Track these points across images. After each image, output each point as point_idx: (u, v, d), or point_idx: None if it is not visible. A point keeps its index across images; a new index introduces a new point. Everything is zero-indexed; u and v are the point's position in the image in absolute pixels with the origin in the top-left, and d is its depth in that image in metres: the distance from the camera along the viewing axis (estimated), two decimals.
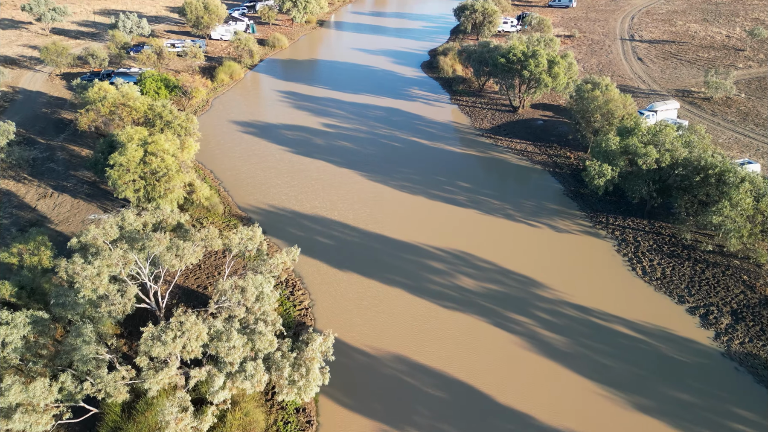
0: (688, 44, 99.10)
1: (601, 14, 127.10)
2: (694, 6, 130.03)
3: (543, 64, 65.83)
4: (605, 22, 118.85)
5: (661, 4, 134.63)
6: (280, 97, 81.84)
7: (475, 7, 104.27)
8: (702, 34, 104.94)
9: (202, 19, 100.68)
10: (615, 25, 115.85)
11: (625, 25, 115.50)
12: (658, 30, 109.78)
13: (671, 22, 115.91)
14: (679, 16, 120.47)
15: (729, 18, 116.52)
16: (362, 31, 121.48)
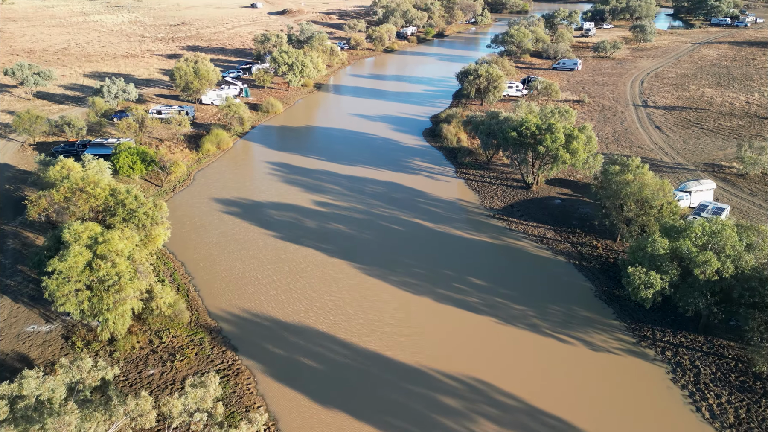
0: (706, 111, 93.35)
1: (609, 78, 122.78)
2: (703, 70, 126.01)
3: (560, 139, 59.05)
4: (614, 87, 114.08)
5: (669, 67, 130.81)
6: (270, 169, 74.91)
7: (479, 72, 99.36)
8: (719, 100, 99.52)
9: (192, 84, 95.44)
10: (625, 90, 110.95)
11: (635, 90, 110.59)
12: (672, 95, 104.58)
13: (684, 86, 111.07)
14: (690, 80, 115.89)
15: (744, 83, 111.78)
16: (361, 94, 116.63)
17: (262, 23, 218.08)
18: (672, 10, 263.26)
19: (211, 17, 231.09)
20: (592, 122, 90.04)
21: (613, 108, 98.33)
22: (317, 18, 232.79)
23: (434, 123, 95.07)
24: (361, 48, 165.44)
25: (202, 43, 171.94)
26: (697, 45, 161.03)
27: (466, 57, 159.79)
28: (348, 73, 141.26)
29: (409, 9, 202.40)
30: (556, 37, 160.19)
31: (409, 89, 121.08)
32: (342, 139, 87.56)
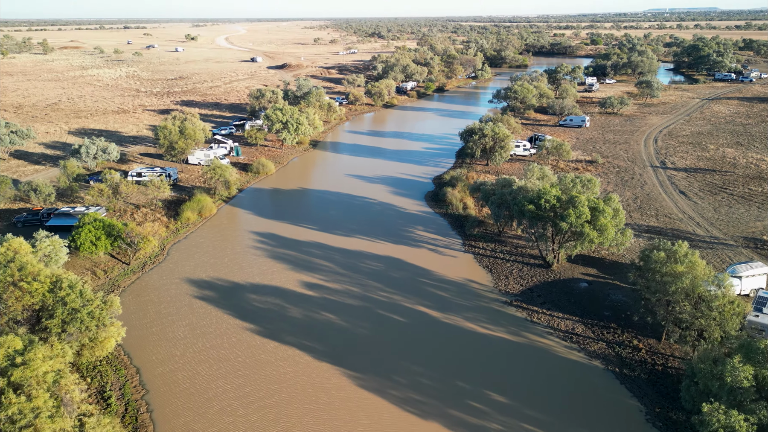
0: (731, 174, 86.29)
1: (619, 135, 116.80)
2: (718, 127, 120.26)
3: (585, 214, 51.23)
4: (627, 145, 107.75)
5: (681, 124, 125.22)
6: (255, 241, 66.85)
7: (485, 132, 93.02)
8: (743, 161, 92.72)
9: (177, 145, 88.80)
10: (639, 149, 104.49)
11: (650, 149, 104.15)
12: (691, 156, 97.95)
13: (701, 146, 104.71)
14: (706, 139, 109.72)
15: (765, 142, 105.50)
16: (359, 153, 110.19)
17: (260, 77, 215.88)
18: (672, 65, 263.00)
19: (210, 71, 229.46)
20: (610, 186, 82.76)
21: (630, 169, 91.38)
22: (316, 72, 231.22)
23: (437, 185, 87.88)
24: (360, 103, 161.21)
25: (198, 97, 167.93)
26: (705, 101, 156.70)
27: (468, 113, 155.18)
28: (346, 129, 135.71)
29: (408, 64, 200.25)
30: (560, 92, 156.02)
31: (410, 147, 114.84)
32: (337, 203, 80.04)
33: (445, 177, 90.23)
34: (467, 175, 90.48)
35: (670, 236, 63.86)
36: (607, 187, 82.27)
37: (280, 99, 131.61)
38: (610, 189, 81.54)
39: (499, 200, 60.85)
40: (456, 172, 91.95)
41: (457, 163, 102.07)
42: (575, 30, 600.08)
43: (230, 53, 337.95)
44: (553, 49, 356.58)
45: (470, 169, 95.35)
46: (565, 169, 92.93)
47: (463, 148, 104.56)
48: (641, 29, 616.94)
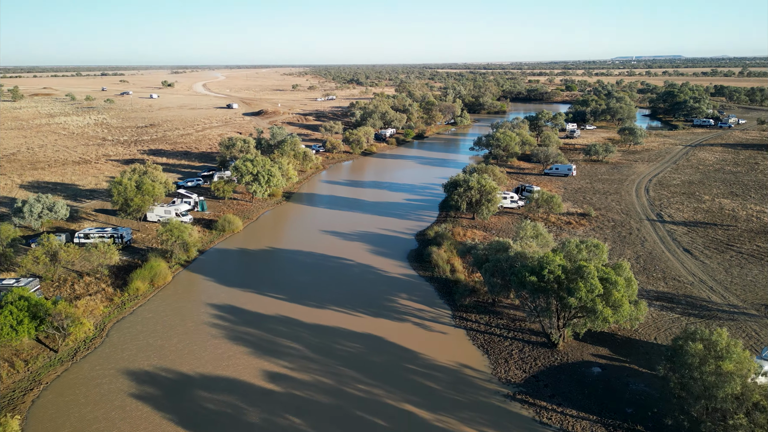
0: (734, 228, 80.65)
1: (608, 185, 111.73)
2: (708, 176, 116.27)
3: (597, 288, 43.85)
4: (618, 196, 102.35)
5: (669, 173, 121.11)
6: (211, 317, 57.85)
7: (470, 184, 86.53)
8: (743, 214, 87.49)
9: (132, 202, 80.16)
10: (632, 200, 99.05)
11: (643, 200, 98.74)
12: (688, 208, 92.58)
13: (695, 196, 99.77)
14: (699, 189, 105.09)
15: (760, 191, 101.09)
16: (335, 205, 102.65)
17: (235, 125, 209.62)
18: (649, 111, 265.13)
19: (183, 118, 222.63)
20: (608, 243, 76.17)
21: (626, 223, 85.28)
22: (293, 119, 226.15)
23: (421, 243, 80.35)
24: (338, 151, 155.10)
25: (167, 146, 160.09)
26: (689, 147, 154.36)
27: (449, 160, 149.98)
28: (322, 179, 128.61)
29: (387, 111, 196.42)
30: (542, 139, 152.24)
31: (390, 198, 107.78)
32: (310, 266, 71.66)
33: (429, 233, 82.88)
34: (453, 230, 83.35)
35: (684, 305, 56.80)
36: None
37: (252, 148, 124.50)
38: (609, 247, 74.83)
39: (494, 268, 53.29)
40: (441, 227, 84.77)
41: (441, 216, 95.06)
42: (549, 77, 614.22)
43: (206, 100, 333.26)
44: (530, 96, 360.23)
45: (456, 223, 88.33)
46: (557, 223, 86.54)
47: (447, 200, 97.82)
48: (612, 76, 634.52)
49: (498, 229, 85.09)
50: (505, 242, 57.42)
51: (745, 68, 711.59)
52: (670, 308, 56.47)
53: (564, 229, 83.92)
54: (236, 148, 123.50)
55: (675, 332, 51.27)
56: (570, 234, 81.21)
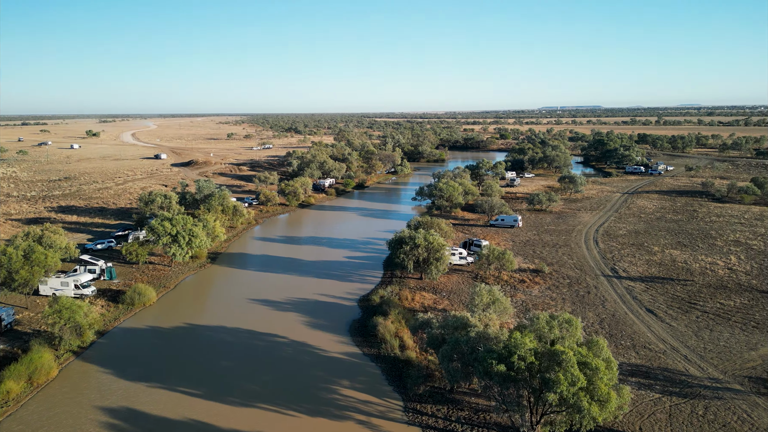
0: (692, 283, 76.93)
1: (556, 236, 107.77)
2: (652, 225, 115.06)
3: (580, 380, 36.27)
4: (568, 248, 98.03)
5: (613, 222, 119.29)
6: (100, 426, 45.72)
7: (417, 242, 79.09)
8: (696, 266, 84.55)
9: (17, 275, 66.74)
10: (583, 253, 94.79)
11: (594, 253, 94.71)
12: (640, 260, 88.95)
13: (644, 247, 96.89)
14: (646, 239, 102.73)
15: (706, 241, 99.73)
16: (268, 267, 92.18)
17: (161, 176, 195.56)
18: (581, 159, 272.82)
19: (104, 170, 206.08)
20: (567, 304, 70.04)
21: (581, 280, 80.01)
22: (226, 170, 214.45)
23: (365, 311, 71.26)
24: (273, 204, 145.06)
25: (80, 201, 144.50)
26: (626, 195, 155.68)
27: (392, 211, 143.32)
28: (255, 236, 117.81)
29: (326, 160, 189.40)
30: (484, 188, 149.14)
31: (330, 256, 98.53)
32: (235, 348, 60.70)
33: (374, 299, 73.99)
34: (400, 293, 75.01)
35: (662, 380, 50.39)
36: (564, 306, 69.42)
37: (174, 204, 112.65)
38: (567, 308, 68.68)
39: (453, 351, 44.90)
40: (386, 290, 76.21)
41: (386, 276, 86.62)
42: (483, 125, 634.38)
43: (133, 150, 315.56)
44: (467, 144, 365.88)
45: (402, 285, 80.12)
46: (510, 282, 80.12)
47: (391, 257, 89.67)
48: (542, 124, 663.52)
49: (448, 291, 77.56)
50: (463, 317, 49.38)
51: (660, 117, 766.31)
52: (648, 385, 49.84)
53: (518, 288, 77.48)
54: (156, 204, 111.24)
55: (661, 419, 44.35)
56: (525, 294, 74.77)
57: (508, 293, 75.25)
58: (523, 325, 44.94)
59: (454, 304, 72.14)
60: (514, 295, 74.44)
